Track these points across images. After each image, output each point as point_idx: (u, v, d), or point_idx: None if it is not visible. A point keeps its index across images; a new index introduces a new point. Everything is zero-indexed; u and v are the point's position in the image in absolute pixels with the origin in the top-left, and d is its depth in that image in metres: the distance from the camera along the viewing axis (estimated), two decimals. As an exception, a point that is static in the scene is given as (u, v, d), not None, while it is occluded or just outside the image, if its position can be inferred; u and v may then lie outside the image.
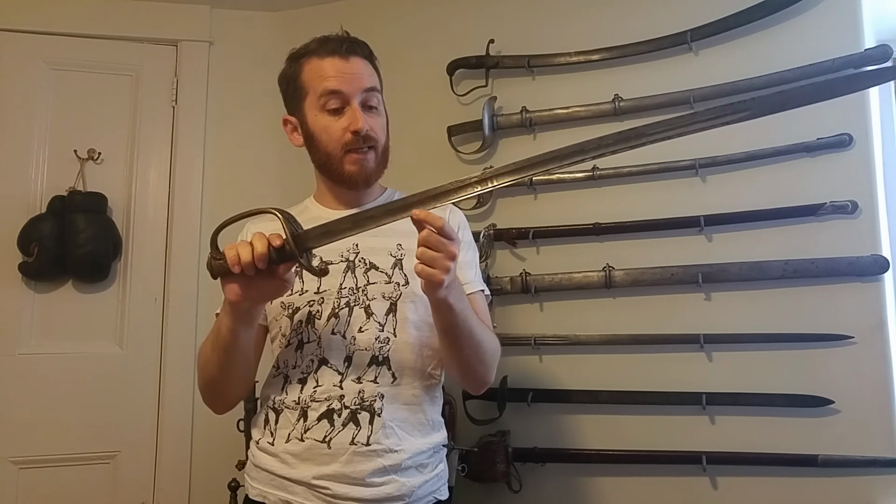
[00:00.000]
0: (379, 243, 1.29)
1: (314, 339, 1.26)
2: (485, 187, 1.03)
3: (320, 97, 1.29)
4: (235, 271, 1.04)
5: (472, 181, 1.03)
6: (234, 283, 1.08)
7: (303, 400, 1.23)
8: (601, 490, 1.88)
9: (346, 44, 1.31)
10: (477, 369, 1.24)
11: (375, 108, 1.33)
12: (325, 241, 1.08)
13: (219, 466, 2.01)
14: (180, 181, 2.31)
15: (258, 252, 1.03)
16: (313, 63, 1.31)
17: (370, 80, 1.32)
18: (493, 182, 1.03)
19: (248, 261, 1.03)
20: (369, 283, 1.27)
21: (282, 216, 1.06)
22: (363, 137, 1.28)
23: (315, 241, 1.07)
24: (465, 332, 1.16)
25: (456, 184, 1.04)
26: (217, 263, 1.06)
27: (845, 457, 1.65)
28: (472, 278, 1.33)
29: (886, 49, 1.68)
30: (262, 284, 1.08)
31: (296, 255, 1.04)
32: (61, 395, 2.13)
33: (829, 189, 1.72)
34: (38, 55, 2.24)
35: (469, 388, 1.32)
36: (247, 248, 1.04)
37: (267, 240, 1.05)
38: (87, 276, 2.18)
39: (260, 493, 1.26)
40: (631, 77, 1.94)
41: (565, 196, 1.99)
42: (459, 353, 1.20)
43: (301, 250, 1.06)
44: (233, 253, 1.04)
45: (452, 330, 1.15)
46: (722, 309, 1.81)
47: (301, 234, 1.07)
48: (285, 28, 2.43)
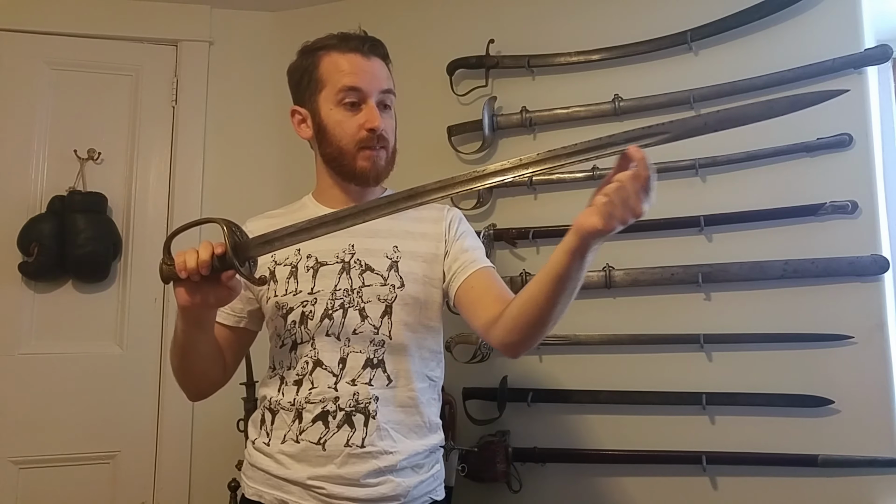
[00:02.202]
0: (375, 244, 1.29)
1: (307, 340, 1.26)
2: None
3: (338, 92, 1.29)
4: (182, 276, 1.08)
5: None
6: (181, 287, 1.11)
7: (298, 401, 1.24)
8: (601, 490, 1.88)
9: (368, 43, 1.33)
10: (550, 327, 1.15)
11: (389, 108, 1.34)
12: (266, 249, 1.11)
13: (219, 466, 2.01)
14: (180, 181, 2.32)
15: (201, 259, 1.06)
16: (334, 57, 1.31)
17: (387, 81, 1.34)
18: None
19: (193, 267, 1.06)
20: (364, 285, 1.27)
21: (226, 227, 1.09)
22: (378, 137, 1.29)
23: (256, 249, 1.11)
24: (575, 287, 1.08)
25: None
26: (167, 268, 1.10)
27: (845, 457, 1.65)
28: (482, 257, 1.33)
29: (886, 49, 1.68)
30: (208, 290, 1.11)
31: (235, 265, 1.07)
32: (61, 395, 2.13)
33: (829, 189, 1.71)
34: (38, 55, 2.24)
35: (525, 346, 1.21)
36: (193, 255, 1.07)
37: (212, 247, 1.08)
38: (87, 276, 2.18)
39: (256, 493, 1.26)
40: (631, 77, 1.94)
41: (565, 196, 1.99)
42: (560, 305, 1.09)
43: (242, 259, 1.09)
44: (181, 259, 1.08)
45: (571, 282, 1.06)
46: (722, 309, 1.80)
47: (242, 242, 1.10)
48: (285, 28, 2.43)
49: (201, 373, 1.31)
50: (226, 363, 1.37)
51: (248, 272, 1.11)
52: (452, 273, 1.30)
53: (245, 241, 1.10)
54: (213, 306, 1.18)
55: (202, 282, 1.09)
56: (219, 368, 1.34)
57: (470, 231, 1.39)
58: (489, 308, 1.23)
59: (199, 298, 1.11)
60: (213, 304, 1.16)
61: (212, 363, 1.31)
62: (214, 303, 1.15)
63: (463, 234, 1.35)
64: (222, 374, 1.36)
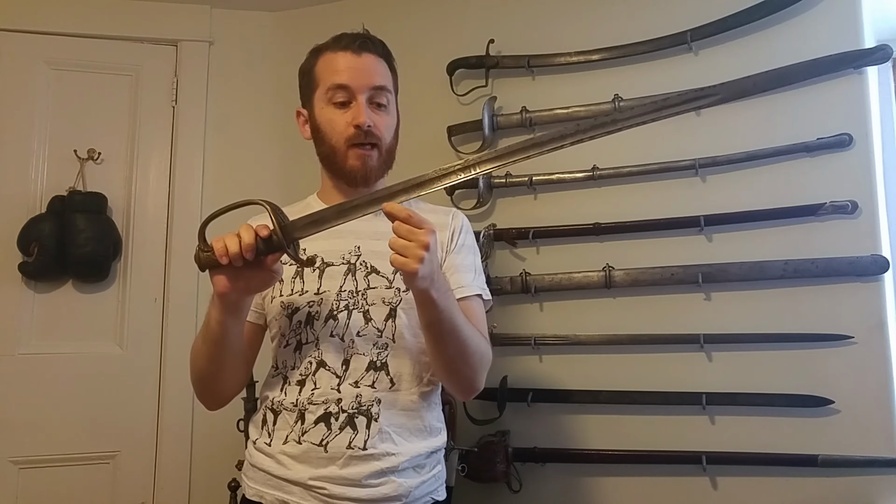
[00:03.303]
0: (381, 247, 1.27)
1: (312, 341, 1.25)
2: (468, 174, 1.06)
3: (328, 90, 1.30)
4: (223, 262, 1.05)
5: (455, 168, 1.06)
6: (222, 274, 1.08)
7: (300, 402, 1.23)
8: (601, 490, 1.88)
9: (359, 40, 1.32)
10: (462, 371, 1.21)
11: (385, 106, 1.33)
12: (311, 230, 1.09)
13: (219, 466, 2.01)
14: (180, 181, 2.32)
15: (246, 242, 1.04)
16: (327, 57, 1.32)
17: (381, 78, 1.32)
18: (477, 169, 1.05)
19: (236, 251, 1.04)
20: (369, 287, 1.26)
21: (270, 207, 1.07)
22: (365, 133, 1.28)
23: (302, 230, 1.08)
24: (447, 329, 1.13)
25: (441, 171, 1.06)
26: (205, 255, 1.07)
27: (845, 457, 1.65)
28: (469, 282, 1.31)
29: (886, 49, 1.68)
30: (250, 276, 1.09)
31: (283, 245, 1.05)
32: (61, 395, 2.13)
33: (829, 189, 1.72)
34: (38, 55, 2.24)
35: (455, 392, 1.29)
36: (234, 239, 1.05)
37: (254, 230, 1.06)
38: (87, 276, 2.18)
39: (256, 493, 1.25)
40: (631, 77, 1.94)
41: (565, 196, 1.99)
42: (443, 352, 1.17)
43: (288, 240, 1.06)
44: (220, 244, 1.05)
45: (436, 326, 1.13)
46: (722, 309, 1.81)
47: (288, 224, 1.08)
48: (285, 28, 2.43)
49: (232, 371, 1.27)
50: (248, 362, 1.34)
51: (295, 253, 1.09)
52: None
53: (291, 222, 1.08)
54: (255, 291, 1.16)
55: (244, 267, 1.06)
56: (245, 367, 1.32)
57: (470, 245, 1.36)
58: None
59: (242, 284, 1.09)
60: (256, 289, 1.15)
61: (241, 360, 1.29)
62: (257, 287, 1.13)
63: (461, 248, 1.33)
64: (246, 375, 1.33)
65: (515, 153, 1.04)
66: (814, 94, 1.73)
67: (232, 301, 1.13)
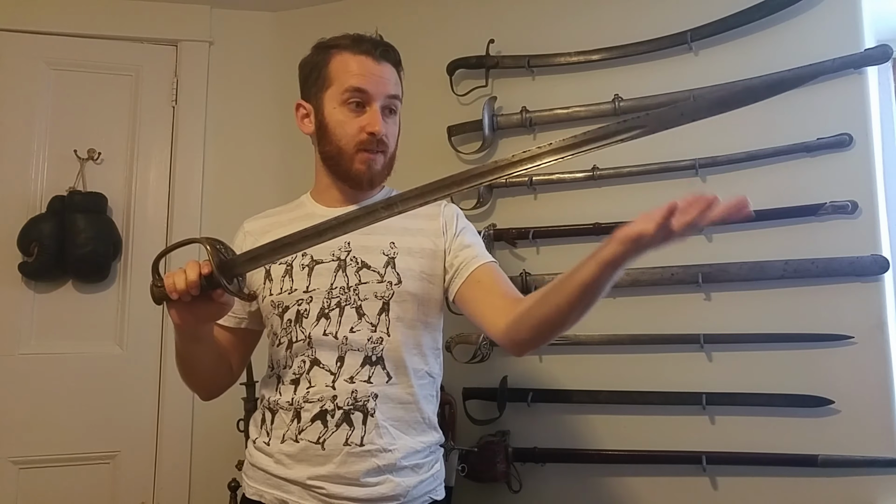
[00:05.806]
0: (372, 241, 1.28)
1: (303, 339, 1.26)
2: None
3: (344, 92, 1.29)
4: (173, 297, 1.09)
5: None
6: (174, 307, 1.13)
7: (296, 401, 1.24)
8: (601, 490, 1.88)
9: (380, 47, 1.33)
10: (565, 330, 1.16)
11: (394, 115, 1.34)
12: (252, 266, 1.13)
13: (219, 466, 2.01)
14: (180, 181, 2.32)
15: (189, 280, 1.08)
16: (344, 57, 1.31)
17: (395, 87, 1.34)
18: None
19: (182, 288, 1.08)
20: (361, 282, 1.27)
21: (210, 246, 1.10)
22: (378, 141, 1.29)
23: (242, 266, 1.12)
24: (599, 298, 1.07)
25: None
26: (157, 290, 1.12)
27: (845, 457, 1.65)
28: (482, 252, 1.33)
29: (886, 49, 1.68)
30: (200, 308, 1.13)
31: (222, 283, 1.09)
32: (61, 395, 2.13)
33: (829, 189, 1.71)
34: (38, 55, 2.24)
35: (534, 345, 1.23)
36: (181, 275, 1.09)
37: (199, 267, 1.09)
38: (87, 276, 2.18)
39: (256, 493, 1.26)
40: (631, 77, 1.94)
41: (565, 196, 1.99)
42: (577, 315, 1.10)
43: (229, 277, 1.10)
44: (170, 281, 1.10)
45: (598, 293, 1.06)
46: (722, 309, 1.80)
47: (228, 260, 1.11)
48: (285, 28, 2.43)
49: (208, 378, 1.35)
50: (231, 365, 1.39)
51: (237, 288, 1.12)
52: (455, 269, 1.30)
53: (231, 259, 1.12)
54: (207, 321, 1.19)
55: (194, 300, 1.10)
56: (224, 371, 1.37)
57: (469, 227, 1.38)
58: (496, 303, 1.23)
59: (192, 317, 1.14)
60: (207, 320, 1.18)
61: (216, 369, 1.34)
62: (207, 319, 1.17)
63: (463, 230, 1.35)
64: (229, 377, 1.39)
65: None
66: (814, 94, 1.73)
67: (188, 331, 1.19)
